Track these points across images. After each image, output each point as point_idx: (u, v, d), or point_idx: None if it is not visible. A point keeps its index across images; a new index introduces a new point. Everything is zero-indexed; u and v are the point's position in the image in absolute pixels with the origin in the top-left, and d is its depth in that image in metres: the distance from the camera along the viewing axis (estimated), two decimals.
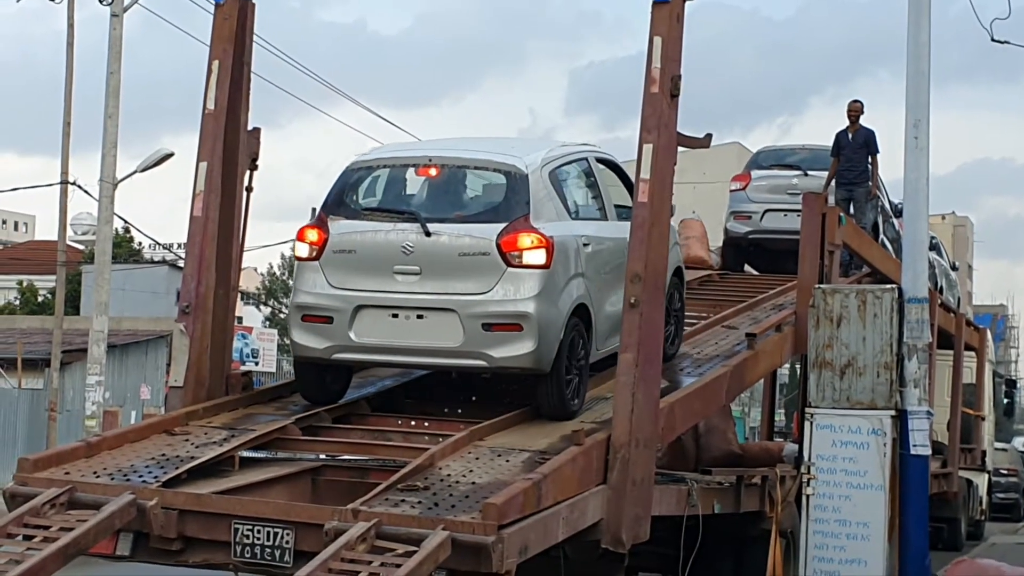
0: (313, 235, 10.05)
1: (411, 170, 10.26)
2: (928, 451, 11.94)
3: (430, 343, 9.70)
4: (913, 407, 11.66)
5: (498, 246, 9.58)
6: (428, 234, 9.67)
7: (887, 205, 18.90)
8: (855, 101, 17.52)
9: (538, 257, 9.59)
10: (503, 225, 9.65)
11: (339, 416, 10.44)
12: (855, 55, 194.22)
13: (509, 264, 9.56)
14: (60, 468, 9.19)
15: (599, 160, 11.26)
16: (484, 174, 10.18)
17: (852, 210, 16.60)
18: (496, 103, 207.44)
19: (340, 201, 10.20)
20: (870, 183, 17.14)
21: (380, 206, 10.12)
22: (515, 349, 9.51)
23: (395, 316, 9.73)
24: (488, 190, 10.16)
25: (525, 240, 9.58)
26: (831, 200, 15.96)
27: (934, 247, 21.05)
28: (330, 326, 9.86)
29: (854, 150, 17.15)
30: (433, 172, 10.10)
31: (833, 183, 17.18)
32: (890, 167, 24.62)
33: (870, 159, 17.21)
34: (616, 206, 11.17)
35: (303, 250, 10.11)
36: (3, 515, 8.68)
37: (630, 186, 11.05)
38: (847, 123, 17.39)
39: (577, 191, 10.83)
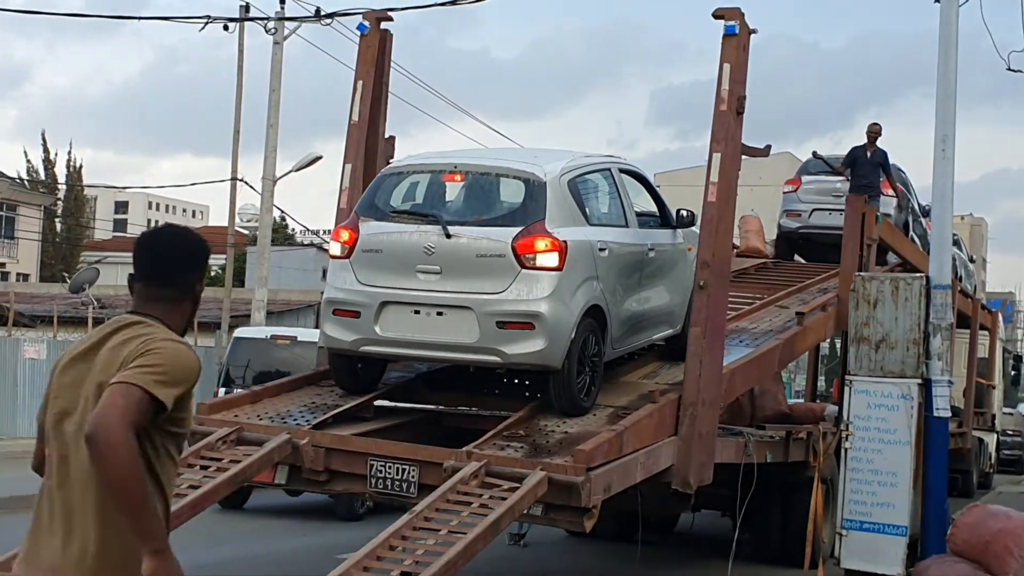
0: (345, 235, 9.14)
1: (438, 176, 9.29)
2: (948, 414, 11.73)
3: (448, 338, 8.77)
4: (936, 376, 11.45)
5: (513, 249, 8.60)
6: (448, 236, 8.72)
7: (916, 206, 18.53)
8: (875, 124, 16.39)
9: (551, 260, 8.61)
10: (519, 229, 8.67)
11: (455, 375, 10.41)
12: (896, 80, 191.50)
13: (523, 266, 8.58)
14: (230, 412, 9.32)
15: (623, 171, 10.14)
16: (505, 181, 9.06)
17: None
18: (591, 117, 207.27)
19: (371, 204, 9.26)
20: (880, 198, 15.72)
21: (406, 209, 9.16)
22: (527, 346, 8.57)
23: (417, 312, 8.81)
24: (507, 196, 9.09)
25: (539, 244, 8.61)
26: None
27: (955, 243, 20.56)
28: (357, 320, 8.96)
29: (871, 168, 15.99)
30: (458, 178, 9.18)
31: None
32: (920, 174, 24.23)
33: (885, 176, 16.13)
34: (638, 214, 10.11)
35: (336, 249, 9.21)
36: (184, 449, 8.82)
37: (655, 195, 10.57)
38: (865, 141, 16.23)
39: (596, 199, 9.72)
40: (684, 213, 10.41)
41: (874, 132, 16.24)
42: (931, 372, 11.43)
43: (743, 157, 9.88)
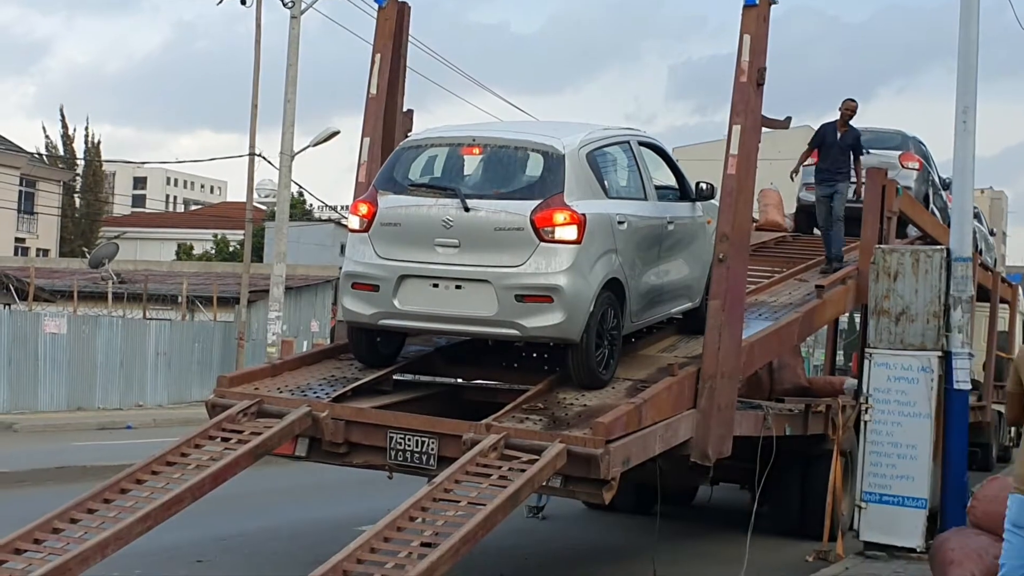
0: (364, 209, 9.05)
1: (456, 149, 9.17)
2: (968, 386, 11.70)
3: (467, 312, 8.68)
4: (957, 349, 11.42)
5: (532, 222, 8.50)
6: (467, 209, 8.62)
7: (936, 179, 18.41)
8: (851, 100, 14.34)
9: (570, 233, 8.51)
10: (538, 202, 8.57)
11: (474, 348, 10.42)
12: (918, 54, 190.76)
13: (542, 239, 8.48)
14: (251, 385, 9.34)
15: (642, 143, 10.00)
16: (523, 154, 8.93)
17: (834, 202, 14.12)
18: (609, 92, 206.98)
19: (390, 177, 9.16)
20: (850, 180, 14.32)
21: (424, 182, 9.04)
22: (546, 320, 8.50)
23: (435, 286, 8.73)
24: (526, 169, 8.93)
25: (558, 216, 8.50)
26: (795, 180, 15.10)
27: (976, 215, 20.43)
28: (376, 294, 8.89)
29: (842, 150, 14.23)
30: (476, 151, 9.03)
31: (803, 176, 15.18)
32: (941, 148, 24.07)
33: (853, 160, 14.31)
34: (657, 187, 9.96)
35: (355, 222, 9.10)
36: (206, 422, 8.88)
37: (675, 168, 10.48)
38: (838, 119, 14.29)
39: (615, 172, 9.56)
40: (703, 186, 10.35)
41: (850, 109, 14.28)
42: (951, 344, 11.40)
43: (763, 129, 9.83)
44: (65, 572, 6.78)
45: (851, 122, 14.27)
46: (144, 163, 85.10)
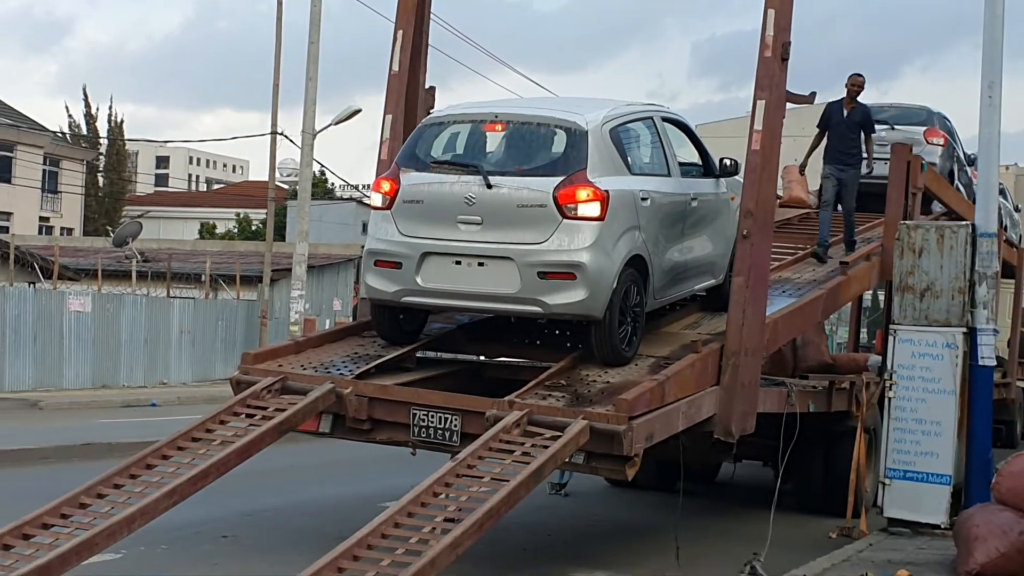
0: (386, 186, 9.03)
1: (479, 126, 9.11)
2: (993, 363, 11.63)
3: (490, 289, 8.66)
4: (982, 325, 11.36)
5: (555, 198, 8.46)
6: (489, 186, 8.58)
7: (961, 155, 18.28)
8: (858, 75, 13.51)
9: (593, 209, 8.47)
10: (560, 178, 8.51)
11: (496, 326, 10.43)
12: (944, 30, 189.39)
13: (565, 216, 8.45)
14: (274, 362, 9.38)
15: (666, 119, 9.93)
16: (546, 130, 8.86)
17: (842, 197, 13.40)
18: (632, 69, 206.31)
19: (412, 154, 9.13)
20: (861, 166, 13.55)
21: (447, 159, 9.00)
22: (569, 297, 8.48)
23: (458, 263, 8.72)
24: (549, 145, 8.86)
25: (581, 193, 8.46)
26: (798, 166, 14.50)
27: (1001, 192, 20.22)
28: (399, 271, 8.90)
29: (849, 128, 13.33)
30: (498, 128, 9.00)
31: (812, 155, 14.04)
32: (966, 125, 23.96)
33: (864, 138, 13.52)
34: (681, 163, 9.94)
35: (377, 200, 9.09)
36: (230, 398, 8.92)
37: (698, 144, 10.40)
38: (844, 96, 13.46)
39: (639, 148, 9.49)
40: (727, 162, 10.31)
41: (856, 85, 13.44)
42: (976, 321, 11.34)
43: (788, 105, 9.77)
44: (92, 547, 6.84)
45: (858, 98, 13.57)
46: (167, 142, 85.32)
